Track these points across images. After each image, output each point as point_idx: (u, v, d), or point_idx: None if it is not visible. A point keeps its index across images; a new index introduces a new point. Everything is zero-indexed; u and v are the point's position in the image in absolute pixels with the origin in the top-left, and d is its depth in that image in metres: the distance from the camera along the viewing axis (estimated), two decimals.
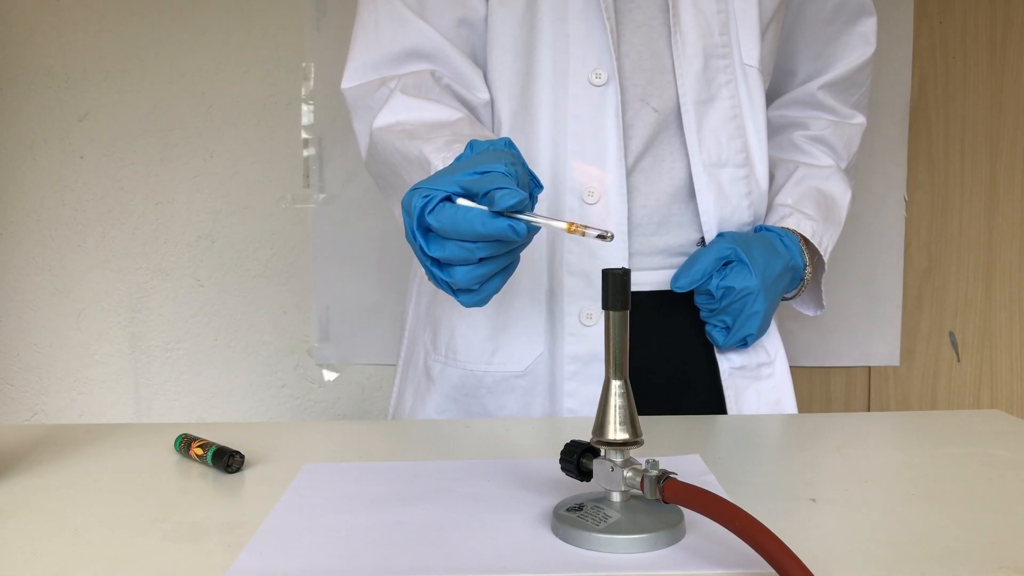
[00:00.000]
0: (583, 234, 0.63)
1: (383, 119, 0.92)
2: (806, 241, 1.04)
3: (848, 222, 1.78)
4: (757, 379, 1.03)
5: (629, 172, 0.97)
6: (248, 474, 0.72)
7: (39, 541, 0.59)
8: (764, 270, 0.96)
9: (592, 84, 0.95)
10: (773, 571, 0.48)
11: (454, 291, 0.73)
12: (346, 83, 0.98)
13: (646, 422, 0.64)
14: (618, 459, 0.58)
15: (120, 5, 1.71)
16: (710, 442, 0.79)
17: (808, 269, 1.04)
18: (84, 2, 1.70)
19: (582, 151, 0.96)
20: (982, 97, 1.78)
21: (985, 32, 1.77)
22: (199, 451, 0.74)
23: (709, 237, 1.00)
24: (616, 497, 0.59)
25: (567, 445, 0.61)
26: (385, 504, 0.64)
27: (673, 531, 0.56)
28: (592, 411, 0.96)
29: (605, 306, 0.57)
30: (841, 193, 1.10)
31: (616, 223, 0.96)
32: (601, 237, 0.62)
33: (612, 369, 0.58)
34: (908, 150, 1.79)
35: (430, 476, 0.70)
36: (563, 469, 0.61)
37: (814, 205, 1.06)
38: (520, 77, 0.98)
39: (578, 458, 0.60)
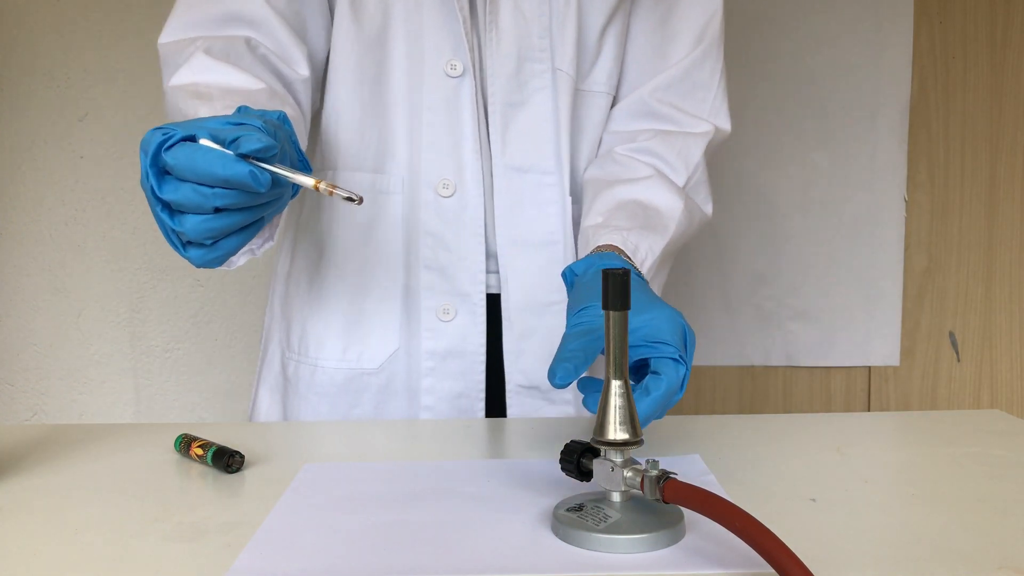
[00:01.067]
0: (331, 194, 0.61)
1: (179, 78, 0.85)
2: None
3: (848, 222, 1.80)
4: (551, 403, 0.98)
5: (492, 169, 0.95)
6: (248, 474, 0.72)
7: (39, 541, 0.59)
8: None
9: (448, 75, 0.93)
10: (773, 571, 0.48)
11: (183, 244, 0.67)
12: (162, 38, 0.92)
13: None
14: (618, 459, 0.58)
15: (120, 5, 1.71)
16: (710, 442, 0.79)
17: (640, 270, 0.85)
18: (84, 2, 1.71)
19: (437, 143, 0.94)
20: (982, 97, 1.78)
21: (985, 32, 1.77)
22: (199, 451, 0.74)
23: (502, 241, 0.95)
24: (616, 497, 0.59)
25: (567, 445, 0.61)
26: (385, 504, 0.64)
27: (673, 531, 0.56)
28: (449, 410, 0.95)
29: (605, 306, 0.57)
30: (667, 204, 0.92)
31: (472, 218, 0.94)
32: (349, 200, 0.61)
33: (612, 369, 0.58)
34: (908, 150, 1.79)
35: (430, 476, 0.70)
36: (563, 469, 0.61)
37: (627, 216, 0.90)
38: (374, 67, 0.95)
39: (578, 458, 0.60)
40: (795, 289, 1.83)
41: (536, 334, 0.97)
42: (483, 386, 0.97)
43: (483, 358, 0.96)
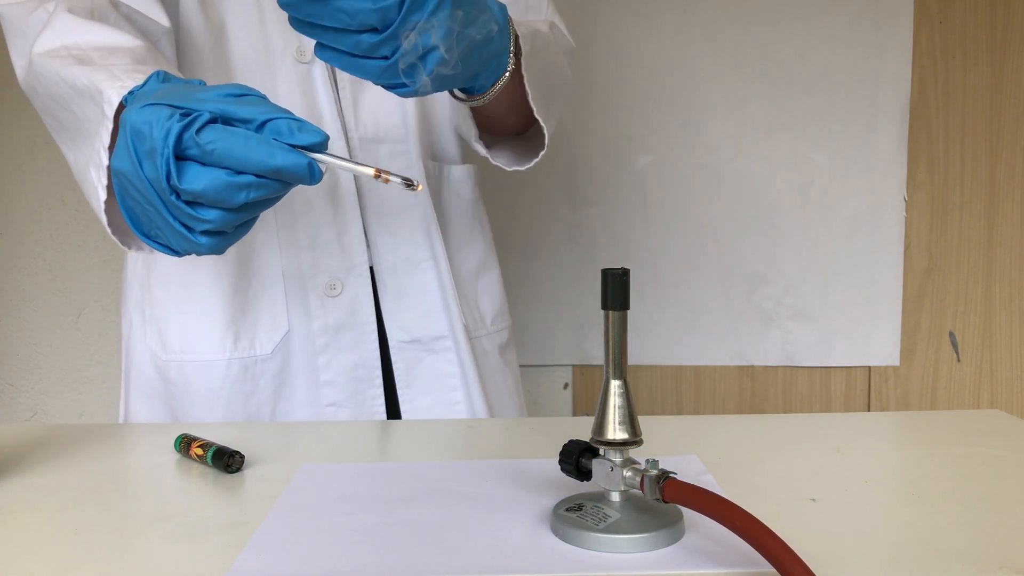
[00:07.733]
0: (387, 181, 0.58)
1: (45, 43, 0.77)
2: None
3: (848, 222, 1.80)
4: (432, 352, 1.01)
5: (361, 153, 0.97)
6: (248, 474, 0.72)
7: (39, 541, 0.59)
8: None
9: (298, 62, 0.94)
10: (774, 570, 0.48)
11: (193, 233, 0.59)
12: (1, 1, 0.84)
13: (643, 422, 0.64)
14: (617, 459, 0.58)
15: None
16: (710, 442, 0.79)
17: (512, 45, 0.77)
18: None
19: None
20: (982, 97, 1.78)
21: (985, 32, 1.77)
22: (199, 451, 0.74)
23: (369, 208, 0.98)
24: (616, 497, 0.59)
25: (566, 445, 0.61)
26: (384, 504, 0.64)
27: (673, 531, 0.57)
28: (348, 381, 0.98)
29: (605, 306, 0.57)
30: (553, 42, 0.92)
31: (347, 192, 0.97)
32: (408, 185, 0.58)
33: (612, 369, 0.58)
34: (908, 150, 1.79)
35: (429, 476, 0.70)
36: (563, 469, 0.61)
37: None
38: (222, 59, 0.94)
39: (577, 458, 0.60)
40: (795, 289, 1.83)
41: (410, 291, 1.01)
42: (378, 354, 0.99)
43: (374, 327, 0.99)
